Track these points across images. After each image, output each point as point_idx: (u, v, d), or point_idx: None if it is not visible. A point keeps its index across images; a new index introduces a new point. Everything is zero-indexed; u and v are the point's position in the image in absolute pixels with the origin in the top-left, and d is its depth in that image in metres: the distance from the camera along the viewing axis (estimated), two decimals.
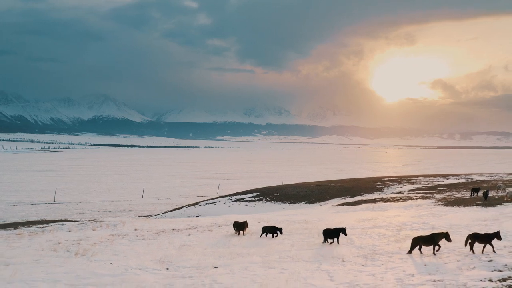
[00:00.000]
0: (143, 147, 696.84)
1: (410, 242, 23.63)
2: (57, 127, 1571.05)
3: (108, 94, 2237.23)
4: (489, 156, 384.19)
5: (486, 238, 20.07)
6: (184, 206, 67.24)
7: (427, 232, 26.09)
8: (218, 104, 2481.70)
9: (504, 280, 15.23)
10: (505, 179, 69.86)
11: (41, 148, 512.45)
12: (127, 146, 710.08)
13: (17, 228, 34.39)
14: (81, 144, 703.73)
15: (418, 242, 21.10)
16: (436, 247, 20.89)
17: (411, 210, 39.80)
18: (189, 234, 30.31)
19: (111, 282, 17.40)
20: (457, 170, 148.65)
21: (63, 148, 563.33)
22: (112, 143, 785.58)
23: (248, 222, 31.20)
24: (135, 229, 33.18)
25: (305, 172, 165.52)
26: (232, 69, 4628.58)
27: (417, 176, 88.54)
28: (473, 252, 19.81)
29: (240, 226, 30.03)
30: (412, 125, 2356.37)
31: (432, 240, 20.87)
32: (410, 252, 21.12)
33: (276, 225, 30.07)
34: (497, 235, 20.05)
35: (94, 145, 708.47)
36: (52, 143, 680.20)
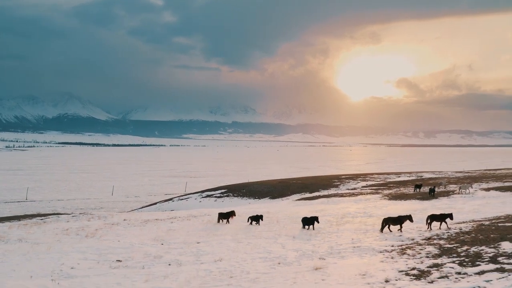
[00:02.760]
0: (108, 145, 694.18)
1: (349, 225, 30.43)
2: (21, 125, 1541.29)
3: (73, 92, 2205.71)
4: (454, 154, 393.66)
5: (440, 218, 26.27)
6: (158, 202, 72.21)
7: (365, 219, 32.91)
8: (184, 102, 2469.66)
9: (401, 246, 22.08)
10: (451, 176, 77.18)
11: (6, 147, 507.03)
12: (93, 144, 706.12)
13: (20, 220, 39.67)
14: (46, 143, 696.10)
15: (388, 222, 26.86)
16: (400, 226, 26.39)
17: (359, 203, 46.12)
18: (172, 222, 36.59)
19: (124, 252, 23.77)
20: (418, 168, 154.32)
21: (28, 146, 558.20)
22: (77, 141, 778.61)
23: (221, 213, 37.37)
24: (124, 219, 39.13)
25: (271, 170, 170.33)
26: (198, 67, 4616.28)
27: (372, 174, 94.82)
28: (431, 229, 25.69)
29: (225, 216, 35.89)
30: (377, 124, 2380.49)
31: (399, 220, 26.66)
32: (381, 230, 26.67)
33: (256, 214, 35.55)
34: (450, 216, 26.16)
35: (59, 143, 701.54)
36: (17, 141, 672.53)
